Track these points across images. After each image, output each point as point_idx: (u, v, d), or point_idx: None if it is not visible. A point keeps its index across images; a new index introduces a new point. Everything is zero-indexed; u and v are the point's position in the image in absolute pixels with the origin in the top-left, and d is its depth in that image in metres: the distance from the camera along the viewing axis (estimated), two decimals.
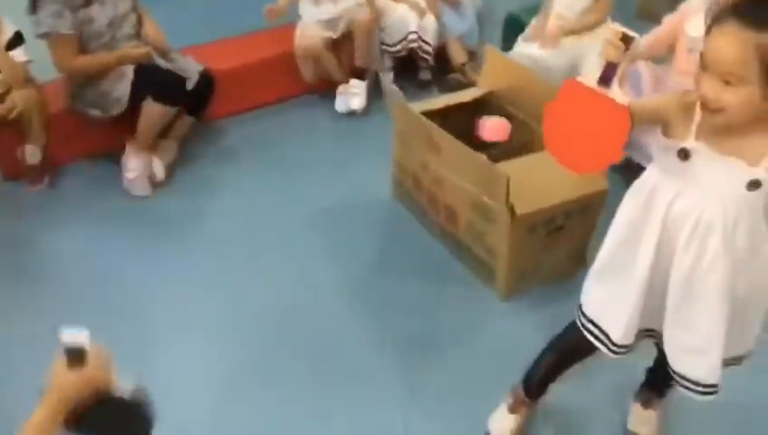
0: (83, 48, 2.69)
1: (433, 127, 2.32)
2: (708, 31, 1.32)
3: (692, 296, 1.49)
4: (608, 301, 1.65)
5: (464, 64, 3.41)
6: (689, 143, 1.38)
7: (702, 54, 1.31)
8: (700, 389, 1.59)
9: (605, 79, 1.37)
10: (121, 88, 2.73)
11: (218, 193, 2.92)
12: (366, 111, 3.34)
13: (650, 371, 1.95)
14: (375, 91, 3.43)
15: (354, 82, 3.30)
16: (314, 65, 3.32)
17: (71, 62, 2.69)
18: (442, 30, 3.42)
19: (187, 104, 2.92)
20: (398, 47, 3.36)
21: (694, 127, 1.37)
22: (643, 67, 2.73)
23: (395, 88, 3.38)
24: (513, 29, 3.47)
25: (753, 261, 1.47)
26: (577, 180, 2.25)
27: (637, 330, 1.63)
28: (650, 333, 1.68)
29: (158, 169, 2.89)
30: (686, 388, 1.62)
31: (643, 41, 2.77)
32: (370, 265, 2.63)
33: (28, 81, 2.76)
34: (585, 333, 1.68)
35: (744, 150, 1.35)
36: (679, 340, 1.58)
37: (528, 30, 3.25)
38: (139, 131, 2.80)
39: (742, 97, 1.28)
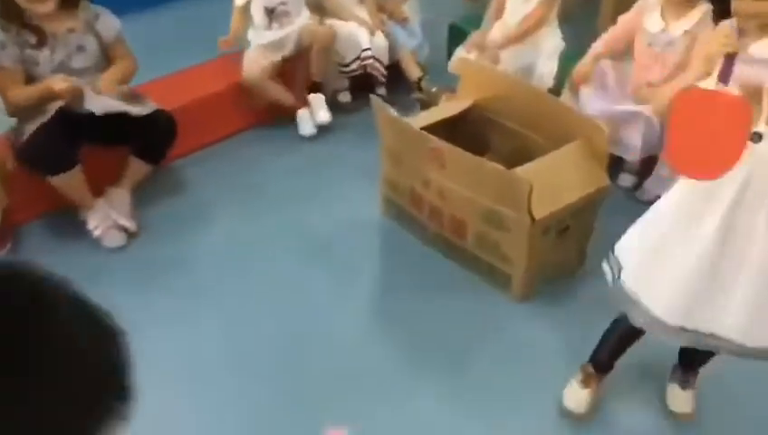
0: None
1: (437, 141, 2.33)
2: None
3: (763, 273, 1.57)
4: (654, 277, 1.72)
5: (419, 79, 3.45)
6: (761, 128, 1.46)
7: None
8: (748, 351, 1.69)
9: (724, 75, 1.42)
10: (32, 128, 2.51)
11: (198, 233, 2.79)
12: (326, 132, 3.31)
13: (684, 351, 2.04)
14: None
15: (313, 96, 3.27)
16: (264, 93, 3.26)
17: (6, 95, 2.54)
18: (393, 47, 3.45)
19: (143, 149, 2.77)
20: (354, 66, 3.36)
21: (765, 108, 1.46)
22: (607, 66, 2.87)
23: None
24: (456, 39, 3.54)
25: None
26: (581, 180, 2.34)
27: (683, 319, 1.71)
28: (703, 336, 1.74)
29: (122, 219, 2.72)
30: (732, 352, 1.72)
31: (601, 40, 2.93)
32: (374, 286, 2.62)
33: None
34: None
35: None
36: (726, 305, 1.64)
37: (469, 39, 3.31)
38: None
39: None
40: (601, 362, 2.05)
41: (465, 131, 2.63)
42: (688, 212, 1.66)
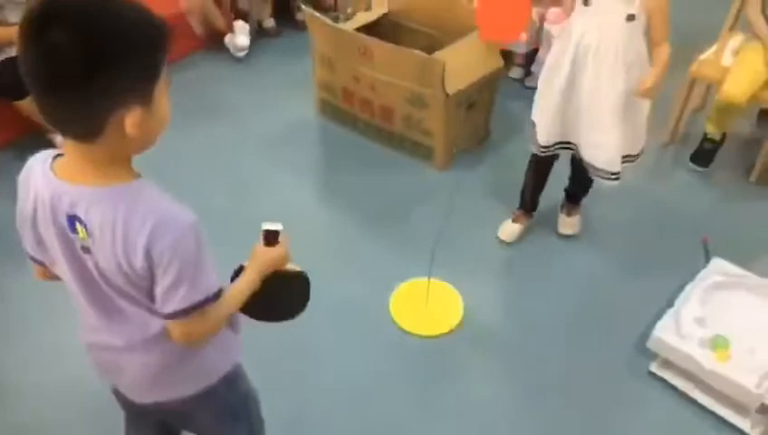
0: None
1: (365, 37, 2.85)
2: None
3: (597, 102, 2.23)
4: (539, 115, 2.37)
5: (336, 1, 3.92)
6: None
7: None
8: (605, 175, 2.36)
9: None
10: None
11: (160, 140, 3.18)
12: (258, 54, 3.75)
13: (567, 190, 2.70)
14: (254, 37, 3.84)
15: (239, 23, 3.69)
16: (204, 17, 3.64)
17: None
18: None
19: None
20: None
21: None
22: None
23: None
24: None
25: (633, 72, 2.22)
26: (481, 63, 2.91)
27: (557, 138, 2.37)
28: (568, 146, 2.41)
29: None
30: (597, 176, 2.38)
31: None
32: (318, 169, 3.13)
33: None
34: (531, 139, 2.41)
35: None
36: (589, 138, 2.32)
37: None
38: None
39: None
40: (525, 201, 2.68)
41: (381, 37, 3.14)
42: (552, 66, 2.28)
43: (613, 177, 2.37)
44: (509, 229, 2.68)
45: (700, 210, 2.86)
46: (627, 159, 2.39)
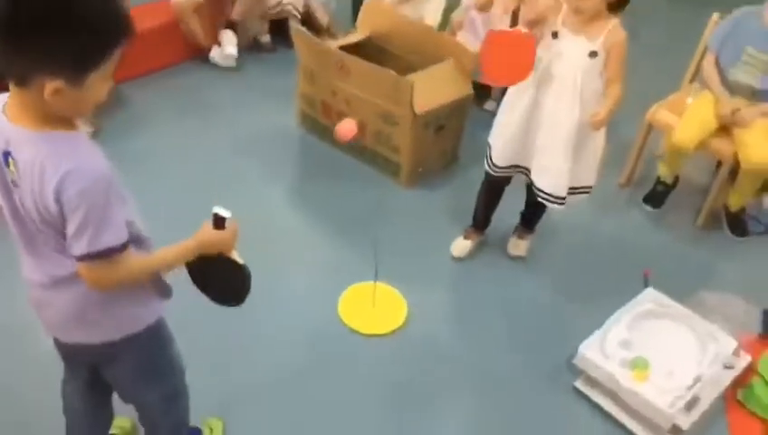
0: None
1: (343, 54, 3.04)
2: None
3: (553, 129, 2.39)
4: (497, 136, 2.53)
5: (329, 27, 4.13)
6: (558, 27, 2.26)
7: None
8: (552, 199, 2.51)
9: (514, 22, 2.24)
10: None
11: (146, 134, 3.35)
12: (249, 66, 3.94)
13: (522, 214, 2.85)
14: (249, 51, 4.04)
15: (225, 32, 3.87)
16: (186, 24, 3.82)
17: None
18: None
19: None
20: (274, 11, 4.00)
21: (560, 18, 2.27)
22: (476, 15, 3.64)
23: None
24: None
25: (588, 109, 2.38)
26: (452, 89, 3.09)
27: (511, 161, 2.53)
28: (522, 170, 2.57)
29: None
30: (543, 199, 2.53)
31: None
32: (293, 175, 3.29)
33: None
34: (485, 160, 2.57)
35: (589, 32, 2.26)
36: (541, 162, 2.48)
37: None
38: None
39: (594, 2, 2.20)
40: (478, 220, 2.83)
41: (363, 58, 3.32)
42: (516, 91, 2.45)
43: (559, 201, 2.53)
44: (460, 245, 2.82)
45: (646, 247, 3.01)
46: (580, 190, 2.55)
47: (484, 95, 3.67)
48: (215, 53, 3.88)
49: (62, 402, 1.82)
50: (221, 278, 1.56)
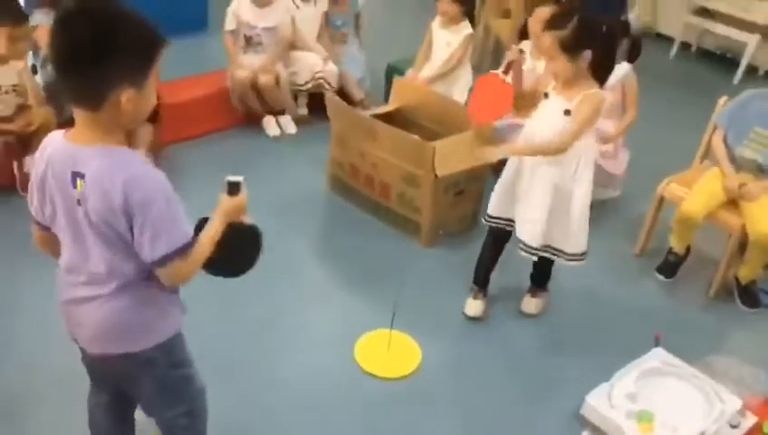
0: None
1: (373, 120, 3.28)
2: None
3: (530, 182, 2.60)
4: (494, 191, 2.77)
5: (361, 101, 4.42)
6: (549, 90, 2.52)
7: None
8: (528, 249, 2.68)
9: (506, 71, 2.52)
10: None
11: (189, 194, 3.58)
12: (282, 139, 4.24)
13: (531, 276, 2.98)
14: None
15: (282, 117, 4.23)
16: (244, 98, 4.14)
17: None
18: (343, 75, 4.42)
19: None
20: (309, 85, 4.30)
21: (551, 84, 2.52)
22: None
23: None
24: (392, 76, 4.55)
25: (566, 167, 2.56)
26: (471, 157, 3.28)
27: (501, 213, 2.75)
28: (511, 223, 2.75)
29: None
30: (521, 249, 2.69)
31: None
32: (320, 233, 3.48)
33: (43, 102, 3.33)
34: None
35: (569, 94, 2.49)
36: (520, 213, 2.67)
37: (407, 74, 4.33)
38: None
39: (560, 65, 2.43)
40: (479, 278, 2.96)
41: (392, 126, 3.57)
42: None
43: (532, 251, 2.69)
44: (473, 305, 2.93)
45: (658, 313, 3.09)
46: (571, 257, 2.70)
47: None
48: (267, 122, 4.18)
49: (88, 416, 1.95)
50: (239, 245, 1.73)
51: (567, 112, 2.49)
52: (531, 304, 2.98)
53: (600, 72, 2.48)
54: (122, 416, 1.93)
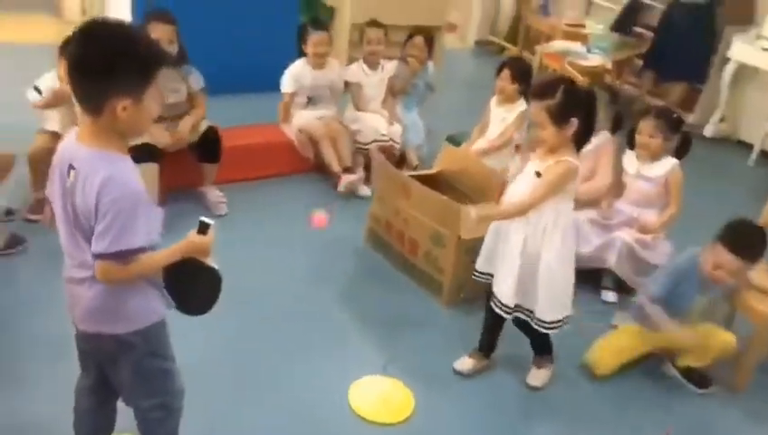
0: None
1: (407, 178, 3.44)
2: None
3: (504, 241, 2.70)
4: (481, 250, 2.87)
5: (416, 166, 4.60)
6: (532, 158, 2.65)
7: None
8: (503, 307, 2.73)
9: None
10: None
11: (235, 235, 3.83)
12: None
13: (530, 342, 2.97)
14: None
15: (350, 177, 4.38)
16: (316, 149, 4.42)
17: None
18: (404, 141, 4.65)
19: (203, 154, 3.96)
20: (371, 145, 4.51)
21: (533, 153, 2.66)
22: None
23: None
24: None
25: (534, 229, 2.61)
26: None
27: (485, 268, 2.84)
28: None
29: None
30: (496, 305, 2.75)
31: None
32: (344, 280, 3.59)
33: None
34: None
35: (545, 158, 2.58)
36: (497, 270, 2.75)
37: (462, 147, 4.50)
38: None
39: (548, 134, 2.52)
40: (482, 340, 3.01)
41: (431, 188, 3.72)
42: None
43: (504, 308, 2.73)
44: (462, 360, 2.98)
45: (673, 406, 3.01)
46: (547, 324, 2.71)
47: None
48: (345, 181, 4.34)
49: (74, 400, 2.10)
50: (194, 283, 1.84)
51: (538, 174, 2.57)
52: (535, 376, 2.97)
53: (579, 138, 2.56)
54: (105, 401, 2.07)
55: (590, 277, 3.65)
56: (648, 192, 3.72)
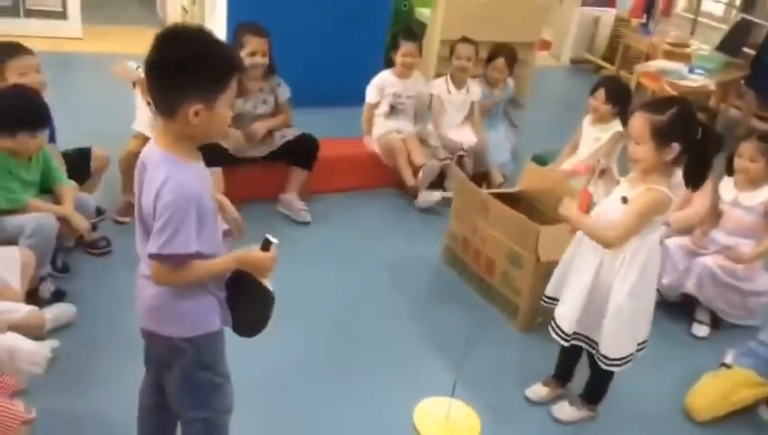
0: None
1: (486, 195, 3.35)
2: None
3: (579, 265, 2.55)
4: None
5: (500, 184, 4.49)
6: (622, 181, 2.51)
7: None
8: (560, 333, 2.58)
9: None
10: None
11: (308, 240, 3.88)
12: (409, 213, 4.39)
13: (587, 382, 2.78)
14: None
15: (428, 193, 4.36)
16: (394, 162, 4.37)
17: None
18: (488, 159, 4.56)
19: (296, 160, 4.01)
20: (448, 161, 4.41)
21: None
22: None
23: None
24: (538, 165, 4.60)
25: (609, 259, 2.45)
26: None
27: (553, 292, 2.70)
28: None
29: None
30: (553, 329, 2.62)
31: None
32: (417, 296, 3.53)
33: None
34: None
35: (636, 183, 2.41)
36: (563, 294, 2.62)
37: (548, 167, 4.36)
38: None
39: (644, 151, 2.33)
40: (557, 368, 2.86)
41: (512, 207, 3.60)
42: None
43: (562, 334, 2.59)
44: (535, 388, 2.85)
45: None
46: (602, 358, 2.52)
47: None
48: (423, 195, 4.33)
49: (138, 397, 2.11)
50: (248, 300, 1.80)
51: (624, 200, 2.40)
52: (562, 410, 2.78)
53: (693, 173, 2.36)
54: (162, 402, 2.03)
55: (683, 309, 3.48)
56: (746, 222, 3.46)
